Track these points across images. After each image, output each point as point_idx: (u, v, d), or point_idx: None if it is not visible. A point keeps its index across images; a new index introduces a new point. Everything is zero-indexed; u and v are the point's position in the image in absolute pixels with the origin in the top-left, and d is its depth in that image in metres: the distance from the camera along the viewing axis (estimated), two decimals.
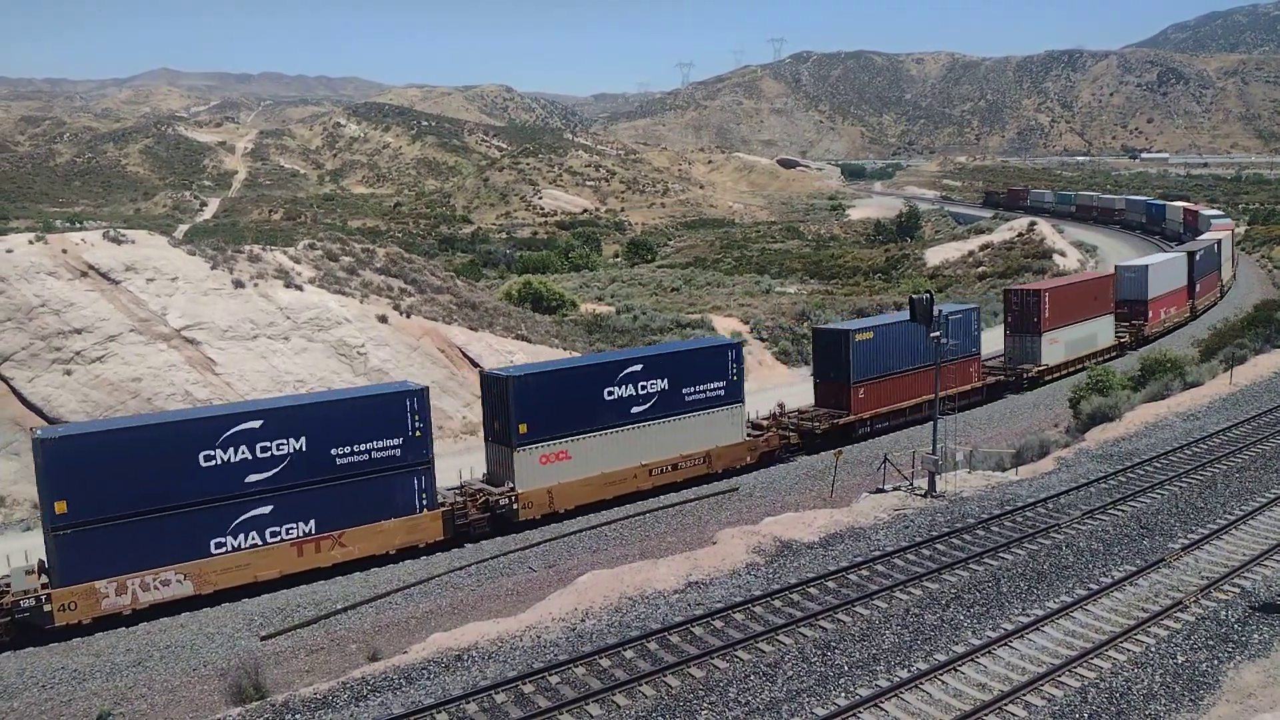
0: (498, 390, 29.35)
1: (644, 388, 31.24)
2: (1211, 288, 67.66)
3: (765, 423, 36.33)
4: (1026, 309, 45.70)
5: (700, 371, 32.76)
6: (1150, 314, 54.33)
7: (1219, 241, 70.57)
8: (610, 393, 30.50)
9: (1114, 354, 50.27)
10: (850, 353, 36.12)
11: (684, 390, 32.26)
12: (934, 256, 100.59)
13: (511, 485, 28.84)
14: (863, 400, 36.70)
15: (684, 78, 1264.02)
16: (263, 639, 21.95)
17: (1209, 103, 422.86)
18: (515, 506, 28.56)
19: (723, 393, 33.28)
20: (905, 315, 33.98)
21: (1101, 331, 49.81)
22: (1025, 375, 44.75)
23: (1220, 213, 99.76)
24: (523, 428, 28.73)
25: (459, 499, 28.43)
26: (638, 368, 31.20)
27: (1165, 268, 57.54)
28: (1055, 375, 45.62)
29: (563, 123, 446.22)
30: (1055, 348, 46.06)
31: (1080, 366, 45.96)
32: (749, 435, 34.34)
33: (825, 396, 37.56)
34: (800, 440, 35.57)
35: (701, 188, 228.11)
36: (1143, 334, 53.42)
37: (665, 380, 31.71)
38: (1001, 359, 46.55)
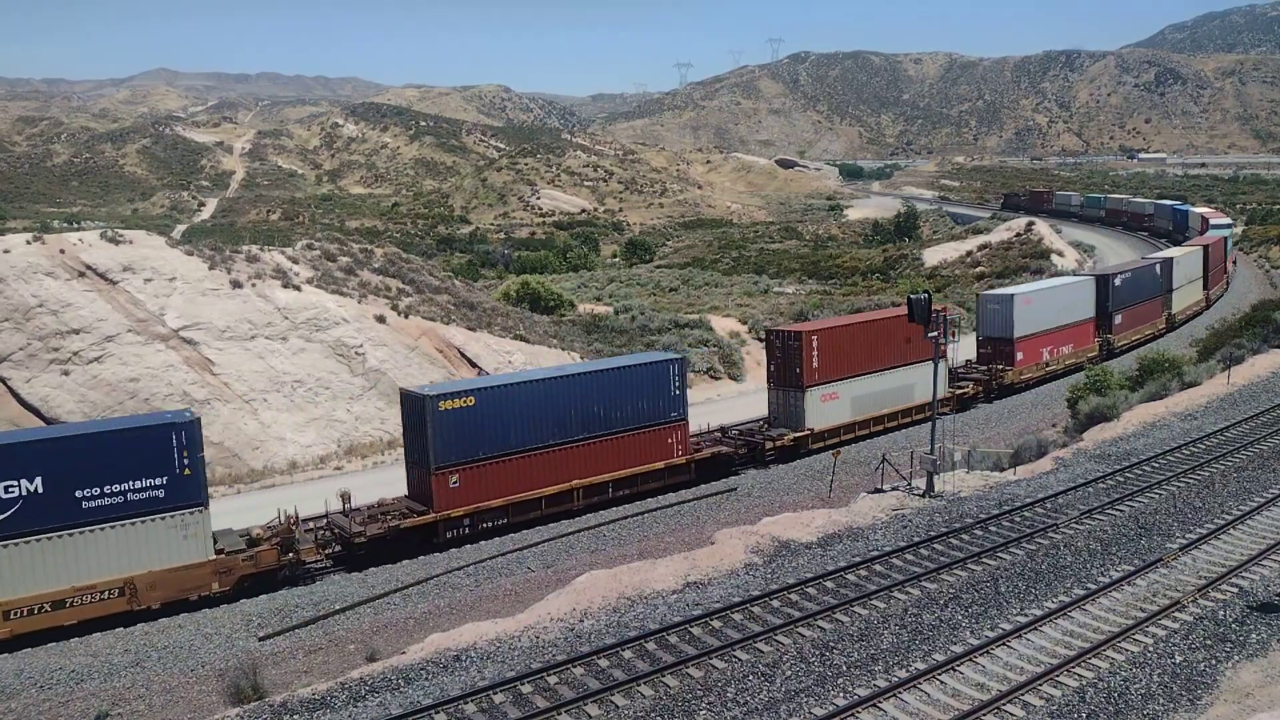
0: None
1: None
2: (1153, 316, 55.45)
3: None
4: (789, 355, 35.44)
5: None
6: (1019, 356, 43.57)
7: (1172, 260, 57.86)
8: None
9: (944, 409, 36.91)
10: (431, 428, 27.05)
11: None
12: (932, 256, 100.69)
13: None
14: (454, 493, 27.46)
15: (682, 78, 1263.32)
16: (261, 639, 21.93)
17: (1206, 103, 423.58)
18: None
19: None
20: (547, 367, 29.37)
21: (921, 382, 37.67)
22: (768, 446, 34.42)
23: (1223, 221, 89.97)
24: None
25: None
26: None
27: (1049, 298, 46.12)
28: (835, 441, 35.68)
29: (561, 123, 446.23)
30: (832, 406, 36.02)
31: (881, 428, 37.65)
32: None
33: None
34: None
35: (699, 188, 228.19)
36: (1001, 382, 42.90)
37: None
38: (764, 421, 36.80)
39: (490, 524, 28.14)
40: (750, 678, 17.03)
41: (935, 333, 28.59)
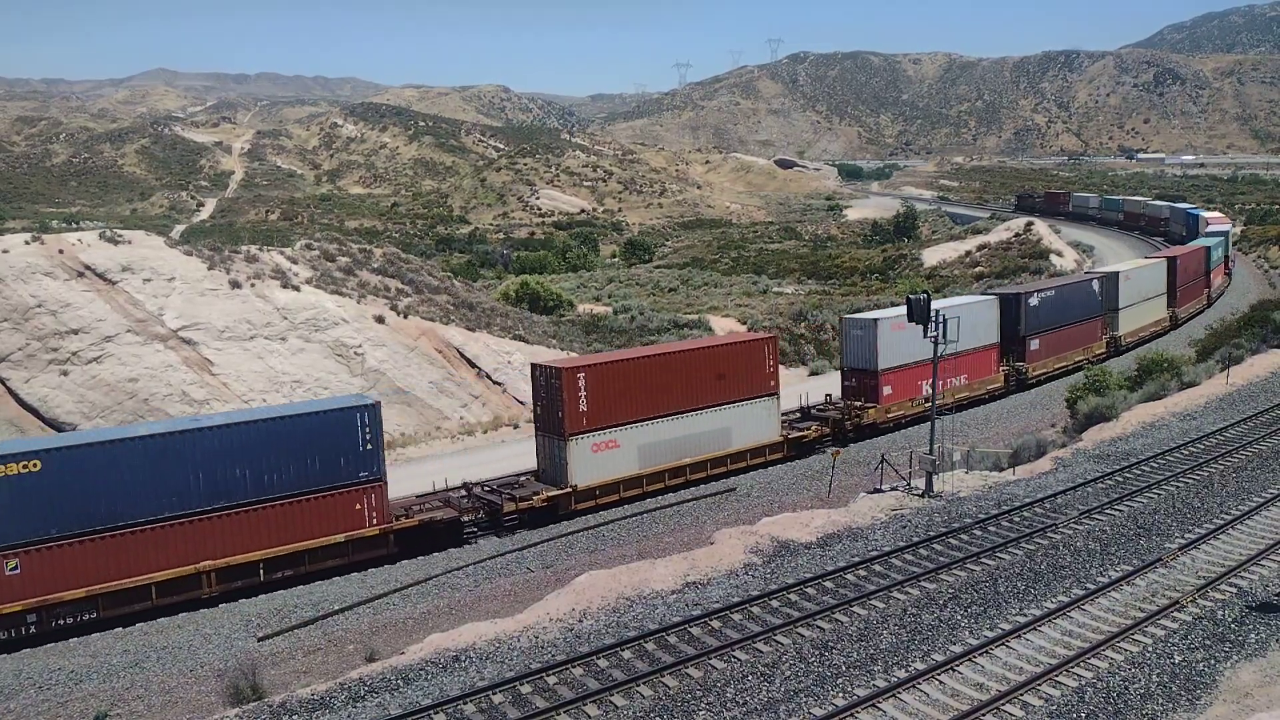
0: None
1: None
2: (1086, 340, 48.10)
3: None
4: (551, 396, 29.53)
5: None
6: (885, 391, 37.32)
7: (1117, 275, 50.92)
8: None
9: (777, 458, 33.94)
10: None
11: None
12: (931, 257, 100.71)
13: None
14: (12, 582, 22.04)
15: (681, 78, 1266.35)
16: (260, 640, 21.92)
17: (1205, 103, 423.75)
18: None
19: None
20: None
21: (741, 425, 32.90)
22: (508, 509, 28.56)
23: (1219, 228, 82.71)
24: None
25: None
26: None
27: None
28: (611, 500, 30.08)
29: (560, 123, 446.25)
30: (609, 458, 29.99)
31: (682, 480, 31.73)
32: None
33: None
34: None
35: (699, 188, 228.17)
36: (859, 422, 36.74)
37: None
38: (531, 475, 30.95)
39: (71, 619, 22.65)
40: (749, 678, 17.03)
41: (934, 334, 28.47)
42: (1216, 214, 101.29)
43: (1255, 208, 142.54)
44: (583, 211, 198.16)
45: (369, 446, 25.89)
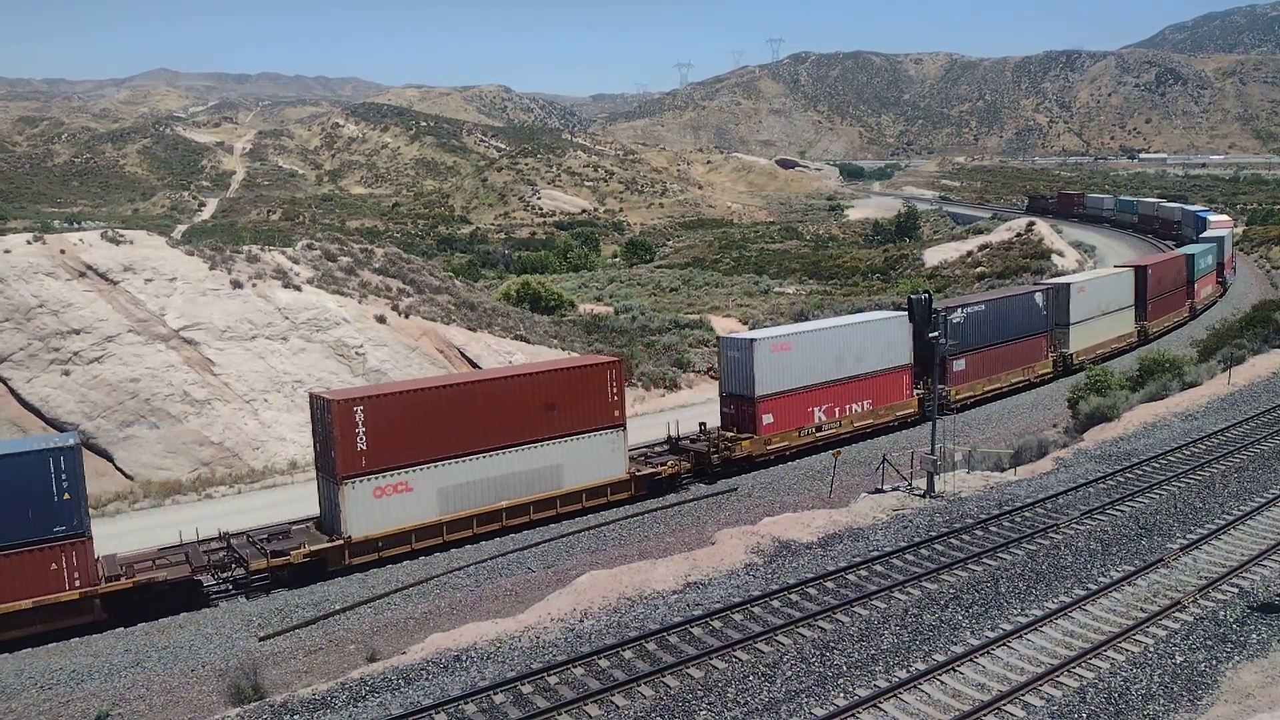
0: None
1: None
2: (1028, 358, 43.86)
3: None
4: (326, 432, 25.54)
5: None
6: (765, 420, 33.29)
7: (1068, 288, 46.44)
8: None
9: (622, 497, 30.09)
10: None
11: None
12: (932, 257, 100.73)
13: None
14: None
15: (682, 78, 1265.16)
16: (261, 640, 21.93)
17: (1207, 103, 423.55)
18: None
19: None
20: None
21: (579, 461, 28.99)
22: (256, 566, 24.33)
23: (1216, 233, 75.86)
24: None
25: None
26: None
27: (820, 342, 35.03)
28: (402, 551, 26.16)
29: (561, 123, 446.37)
30: (400, 503, 25.88)
31: (498, 526, 27.75)
32: None
33: None
34: None
35: (700, 188, 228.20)
36: (730, 455, 32.56)
37: None
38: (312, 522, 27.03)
39: None
40: (750, 678, 17.03)
41: (936, 333, 28.47)
42: (1224, 218, 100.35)
43: (1257, 208, 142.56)
44: (584, 211, 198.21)
45: (67, 496, 21.85)
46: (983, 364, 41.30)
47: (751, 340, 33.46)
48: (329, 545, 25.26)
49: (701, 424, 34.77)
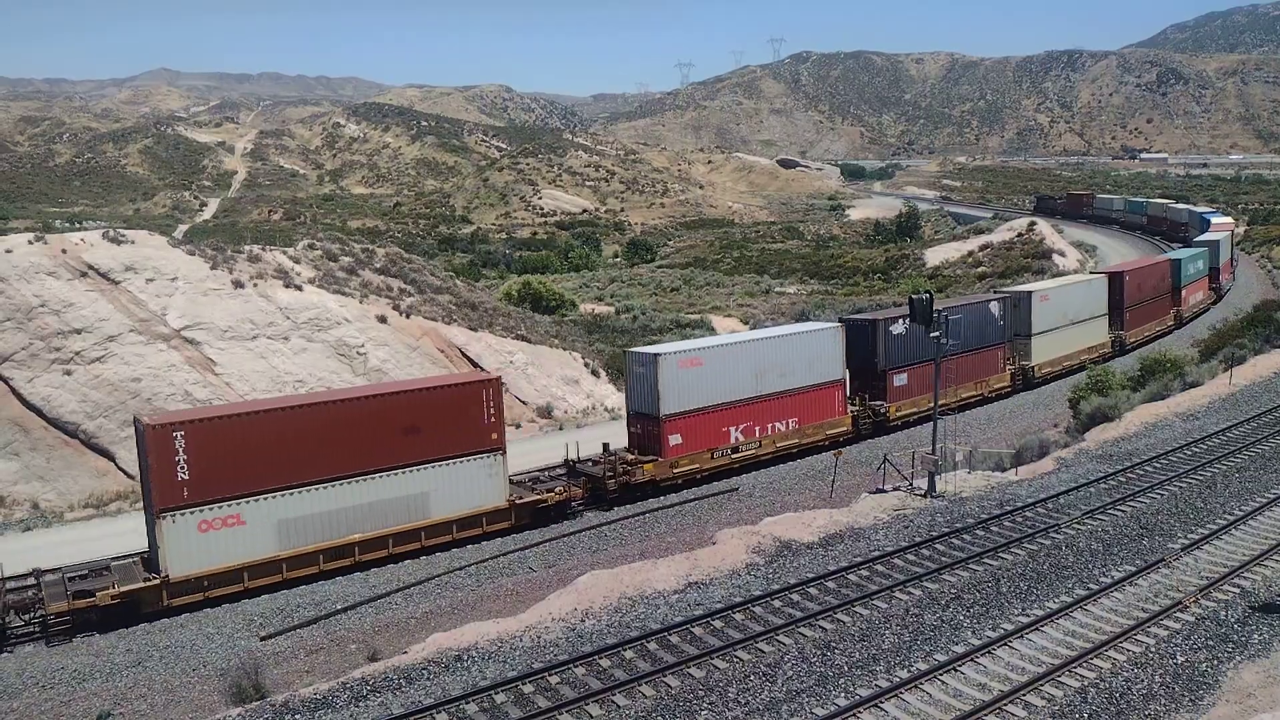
0: None
1: None
2: (981, 371, 41.41)
3: None
4: (144, 460, 23.22)
5: None
6: (673, 441, 30.91)
7: (1030, 296, 44.03)
8: None
9: (501, 527, 27.66)
10: None
11: None
12: (934, 256, 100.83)
13: None
14: None
15: (683, 78, 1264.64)
16: (262, 639, 21.93)
17: (1208, 103, 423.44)
18: None
19: None
20: None
21: (449, 489, 26.55)
22: (42, 614, 22.20)
23: (1215, 236, 73.16)
24: None
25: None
26: None
27: (736, 357, 32.56)
28: (233, 590, 23.66)
29: (562, 123, 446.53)
30: (229, 538, 23.52)
31: (350, 562, 25.23)
32: None
33: None
34: None
35: (701, 188, 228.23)
36: (628, 480, 30.16)
37: None
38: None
39: None
40: (752, 678, 17.03)
41: (937, 333, 28.41)
42: (1226, 220, 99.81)
43: (1259, 208, 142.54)
44: (585, 211, 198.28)
45: None
46: (928, 378, 34.39)
47: (656, 355, 30.92)
48: (143, 586, 22.73)
49: (605, 445, 31.80)
